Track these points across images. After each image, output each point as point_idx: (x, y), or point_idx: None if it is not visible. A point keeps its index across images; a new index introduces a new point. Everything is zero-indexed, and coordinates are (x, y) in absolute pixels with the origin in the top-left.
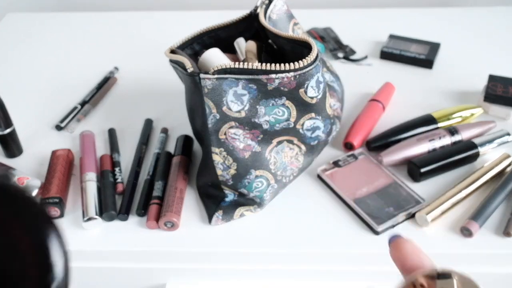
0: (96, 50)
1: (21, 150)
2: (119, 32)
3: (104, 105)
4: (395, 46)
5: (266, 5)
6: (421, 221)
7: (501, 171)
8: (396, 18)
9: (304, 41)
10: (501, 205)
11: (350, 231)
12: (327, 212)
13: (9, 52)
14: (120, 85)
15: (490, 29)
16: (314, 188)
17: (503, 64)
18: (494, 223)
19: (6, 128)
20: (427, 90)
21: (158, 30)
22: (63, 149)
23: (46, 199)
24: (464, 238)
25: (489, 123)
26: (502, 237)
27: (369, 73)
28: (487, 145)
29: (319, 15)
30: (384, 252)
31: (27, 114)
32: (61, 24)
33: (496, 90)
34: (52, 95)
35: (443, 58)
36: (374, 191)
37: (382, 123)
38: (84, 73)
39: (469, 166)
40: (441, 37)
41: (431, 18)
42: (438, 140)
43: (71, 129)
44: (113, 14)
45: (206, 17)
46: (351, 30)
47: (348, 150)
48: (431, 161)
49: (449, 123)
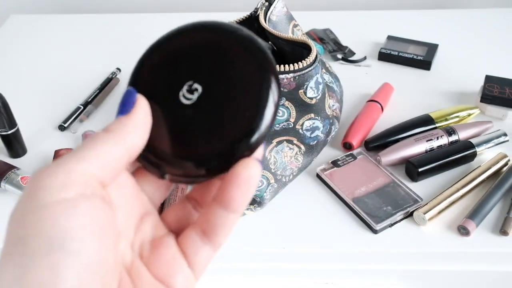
0: (99, 51)
1: (25, 150)
2: (121, 34)
3: (106, 106)
4: (393, 47)
5: (266, 7)
6: (419, 220)
7: (497, 171)
8: (394, 20)
9: (304, 43)
10: (498, 204)
11: (348, 229)
12: (326, 211)
13: (13, 53)
14: (122, 86)
15: (487, 31)
16: (314, 188)
17: (499, 65)
18: (490, 222)
19: (10, 128)
20: (425, 90)
21: (159, 31)
22: (66, 149)
23: None
24: (461, 237)
25: (486, 123)
26: (498, 236)
27: (367, 74)
28: (484, 145)
29: (318, 16)
30: (382, 250)
31: (30, 114)
32: (64, 25)
33: (492, 91)
34: (55, 96)
35: (441, 59)
36: (373, 191)
37: (381, 123)
38: (86, 74)
39: (466, 165)
40: (439, 39)
41: (429, 19)
42: (435, 140)
43: (74, 129)
44: (115, 16)
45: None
46: (350, 31)
47: (347, 150)
48: (428, 160)
49: (446, 123)
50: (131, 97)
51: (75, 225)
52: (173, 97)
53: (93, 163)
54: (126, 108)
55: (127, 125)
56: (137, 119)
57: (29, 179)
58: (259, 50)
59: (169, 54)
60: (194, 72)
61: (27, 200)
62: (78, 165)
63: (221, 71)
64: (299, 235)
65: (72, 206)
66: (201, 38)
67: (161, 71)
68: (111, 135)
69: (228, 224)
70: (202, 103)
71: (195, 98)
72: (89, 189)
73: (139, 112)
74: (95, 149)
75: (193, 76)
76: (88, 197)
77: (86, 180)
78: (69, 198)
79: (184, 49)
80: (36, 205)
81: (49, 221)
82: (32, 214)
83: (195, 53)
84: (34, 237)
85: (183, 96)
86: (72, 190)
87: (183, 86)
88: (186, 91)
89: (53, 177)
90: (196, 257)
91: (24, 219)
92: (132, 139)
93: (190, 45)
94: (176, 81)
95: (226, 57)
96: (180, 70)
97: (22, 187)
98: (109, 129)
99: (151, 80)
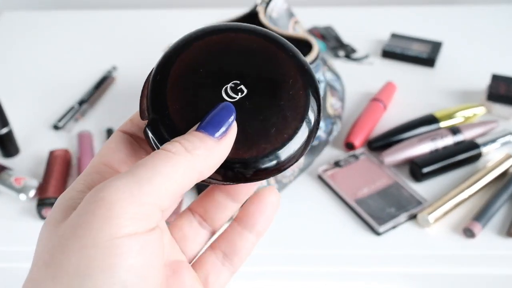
0: (94, 48)
1: (18, 150)
2: (117, 31)
3: (102, 105)
4: (396, 45)
5: (266, 3)
6: (423, 222)
7: (504, 172)
8: (397, 17)
9: (305, 40)
10: (504, 206)
11: (351, 231)
12: (328, 212)
13: (6, 51)
14: (118, 84)
15: (493, 28)
16: (315, 189)
17: (506, 63)
18: (497, 224)
19: (2, 127)
20: (429, 89)
21: (157, 28)
22: (61, 149)
23: (43, 199)
24: (466, 239)
25: (491, 122)
26: (505, 238)
27: (371, 68)
28: (490, 145)
29: (320, 13)
30: (386, 253)
31: (24, 113)
32: (58, 22)
33: (499, 90)
34: (50, 95)
35: (445, 57)
36: (376, 192)
37: (384, 122)
38: (82, 72)
39: (471, 166)
40: (443, 36)
41: (433, 16)
42: (440, 140)
43: (69, 129)
44: (111, 12)
45: (205, 15)
46: (352, 28)
47: (349, 150)
48: (433, 161)
49: (451, 122)
50: (228, 115)
51: (140, 263)
52: (216, 88)
53: (166, 196)
54: (219, 129)
55: (214, 151)
56: (226, 144)
57: (93, 200)
58: (312, 76)
59: (222, 44)
60: (244, 73)
61: (92, 230)
62: (150, 198)
63: (270, 84)
64: (300, 237)
65: (140, 243)
66: (260, 43)
67: (210, 57)
68: (191, 160)
69: (251, 246)
70: (242, 106)
71: (237, 98)
72: (155, 222)
73: (231, 137)
74: (170, 176)
75: (242, 77)
76: (153, 231)
77: (155, 213)
78: (139, 232)
79: (241, 46)
80: (103, 238)
81: (116, 259)
82: (98, 248)
83: (250, 55)
84: (101, 273)
85: (225, 91)
86: (142, 226)
87: (229, 82)
88: (230, 88)
89: (124, 208)
90: (216, 283)
91: (88, 252)
92: (212, 164)
93: (248, 45)
94: (224, 74)
95: (278, 71)
96: (230, 65)
97: (16, 188)
98: (192, 151)
99: (197, 60)
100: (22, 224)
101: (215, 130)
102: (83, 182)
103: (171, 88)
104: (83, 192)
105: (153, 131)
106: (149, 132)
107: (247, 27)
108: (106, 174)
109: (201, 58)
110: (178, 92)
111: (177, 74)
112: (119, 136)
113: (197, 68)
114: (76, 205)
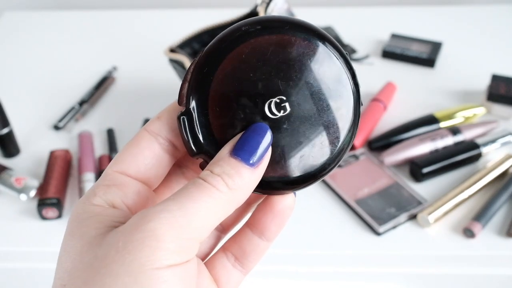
0: (94, 49)
1: (19, 150)
2: (117, 31)
3: (102, 105)
4: (396, 45)
5: (266, 3)
6: (423, 222)
7: (504, 172)
8: (397, 17)
9: None
10: (504, 206)
11: (351, 232)
12: (327, 212)
13: (7, 51)
14: (118, 84)
15: (493, 28)
16: (315, 189)
17: (506, 63)
18: (497, 224)
19: (3, 127)
20: (429, 89)
21: (157, 28)
22: (61, 150)
23: (43, 200)
24: (466, 239)
25: (491, 123)
26: (505, 238)
27: (371, 69)
28: (490, 145)
29: (320, 13)
30: (386, 253)
31: (25, 114)
32: (59, 22)
33: (499, 90)
34: (50, 95)
35: (445, 57)
36: (376, 192)
37: (384, 123)
38: (82, 73)
39: (471, 166)
40: (443, 36)
41: (433, 16)
42: (440, 140)
43: (69, 129)
44: (111, 12)
45: (205, 16)
46: (352, 29)
47: (349, 150)
48: (433, 161)
49: (451, 123)
50: (265, 141)
51: None
52: (260, 101)
53: (208, 230)
54: (255, 155)
55: (252, 181)
56: (261, 172)
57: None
58: (358, 100)
59: (277, 47)
60: (293, 88)
61: (141, 259)
62: (194, 234)
63: (318, 104)
64: (300, 237)
65: (181, 274)
66: (319, 55)
67: (262, 63)
68: (231, 197)
69: (261, 251)
70: (281, 125)
71: (279, 116)
72: (194, 253)
73: (265, 163)
74: (214, 212)
75: (289, 93)
76: (191, 261)
77: (196, 246)
78: (179, 263)
79: (297, 54)
80: (149, 267)
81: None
82: (144, 276)
83: (305, 67)
84: None
85: (268, 106)
86: (183, 258)
87: (275, 96)
88: (275, 104)
89: (172, 243)
90: (228, 284)
91: (135, 278)
92: (248, 193)
93: (304, 53)
94: (271, 86)
95: (331, 92)
96: (280, 75)
97: (17, 188)
98: (232, 188)
99: (248, 63)
100: (23, 224)
101: (251, 157)
102: (102, 196)
103: (216, 86)
104: (105, 209)
105: (188, 121)
106: (181, 122)
107: (306, 27)
108: (125, 187)
109: (253, 61)
110: (222, 93)
111: (224, 73)
112: (145, 138)
113: (247, 73)
114: (109, 223)
